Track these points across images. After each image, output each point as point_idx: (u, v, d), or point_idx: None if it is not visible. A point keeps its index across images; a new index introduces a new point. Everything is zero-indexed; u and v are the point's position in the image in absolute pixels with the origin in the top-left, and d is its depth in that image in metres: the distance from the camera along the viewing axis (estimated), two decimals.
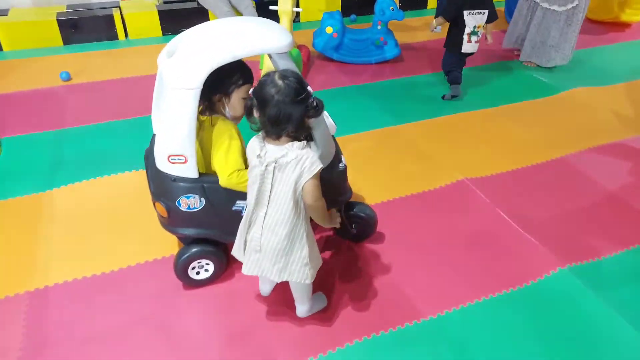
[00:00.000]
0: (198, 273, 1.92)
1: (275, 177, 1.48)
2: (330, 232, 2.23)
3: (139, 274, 2.01)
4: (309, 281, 1.62)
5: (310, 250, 1.58)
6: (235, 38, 1.54)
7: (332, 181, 1.86)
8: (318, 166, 1.47)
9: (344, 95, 3.62)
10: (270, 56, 1.61)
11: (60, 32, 4.27)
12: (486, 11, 3.31)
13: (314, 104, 1.46)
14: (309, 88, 1.45)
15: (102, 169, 2.61)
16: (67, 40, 4.31)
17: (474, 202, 2.52)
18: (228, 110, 1.79)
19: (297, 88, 1.42)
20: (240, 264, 1.66)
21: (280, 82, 1.42)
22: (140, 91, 3.20)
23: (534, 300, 1.97)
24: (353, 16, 5.19)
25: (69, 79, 3.63)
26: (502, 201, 2.51)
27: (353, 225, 2.11)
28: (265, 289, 1.87)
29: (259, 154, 1.48)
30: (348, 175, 2.00)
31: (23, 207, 2.37)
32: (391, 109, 3.42)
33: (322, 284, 1.97)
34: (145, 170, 1.91)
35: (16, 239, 2.17)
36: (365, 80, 3.87)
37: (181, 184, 1.68)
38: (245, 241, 1.61)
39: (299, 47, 4.02)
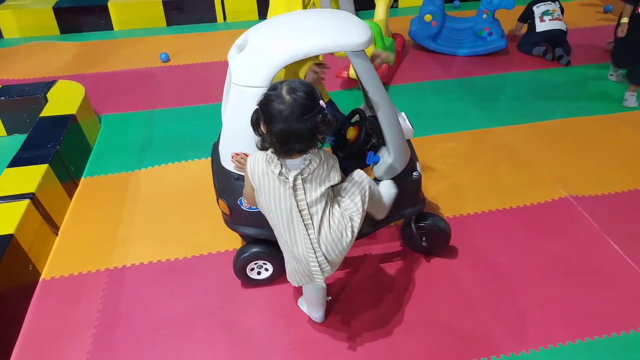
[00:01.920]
0: (259, 273, 1.87)
1: (307, 189, 1.37)
2: (399, 243, 2.07)
3: (209, 264, 2.02)
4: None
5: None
6: (307, 34, 1.41)
7: (403, 191, 1.70)
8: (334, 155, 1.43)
9: (438, 90, 3.37)
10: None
11: (165, 13, 4.46)
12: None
13: (326, 120, 1.30)
14: (321, 102, 1.29)
15: (187, 153, 2.66)
16: (170, 21, 4.50)
17: (578, 225, 2.19)
18: None
19: (306, 105, 1.26)
20: None
21: (287, 97, 1.26)
22: None
23: None
24: (456, 2, 4.82)
25: (167, 60, 3.78)
26: (613, 227, 2.15)
27: (423, 239, 1.93)
28: (318, 314, 1.76)
29: (281, 171, 1.35)
30: (435, 179, 1.82)
31: (112, 185, 2.50)
32: (490, 108, 3.11)
33: (389, 298, 1.83)
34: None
35: (102, 216, 2.29)
36: (463, 74, 3.56)
37: (243, 183, 1.62)
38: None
39: (394, 35, 3.81)
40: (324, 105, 1.29)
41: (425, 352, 1.66)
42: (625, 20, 2.98)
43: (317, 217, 1.39)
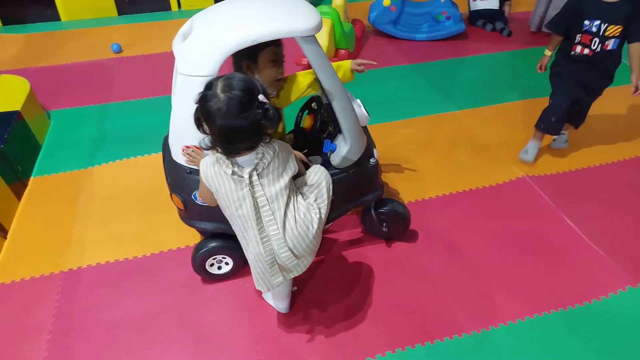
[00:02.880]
0: (219, 268, 1.84)
1: (263, 184, 1.33)
2: (360, 230, 2.07)
3: (168, 261, 1.96)
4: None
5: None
6: (254, 20, 1.36)
7: (360, 178, 1.69)
8: (288, 144, 1.41)
9: (397, 75, 3.38)
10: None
11: (116, 2, 4.28)
12: None
13: (268, 115, 1.24)
14: (260, 97, 1.23)
15: (143, 147, 2.57)
16: (121, 11, 4.32)
17: (534, 203, 2.25)
18: (259, 79, 1.61)
19: (243, 101, 1.21)
20: None
21: (222, 96, 1.21)
22: None
23: (595, 321, 1.73)
24: None
25: (119, 51, 3.63)
26: (567, 204, 2.23)
27: (384, 224, 1.94)
28: (283, 305, 1.74)
29: (234, 170, 1.30)
30: (396, 164, 1.82)
31: (64, 183, 2.39)
32: (449, 93, 3.15)
33: (353, 286, 1.84)
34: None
35: (55, 217, 2.19)
36: (422, 58, 3.59)
37: (197, 177, 1.57)
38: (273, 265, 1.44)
39: (353, 21, 3.79)
40: (265, 100, 1.23)
41: (389, 337, 1.68)
42: (548, 53, 2.35)
43: (279, 212, 1.36)
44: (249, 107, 1.21)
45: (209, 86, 1.24)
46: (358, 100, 1.73)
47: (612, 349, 1.65)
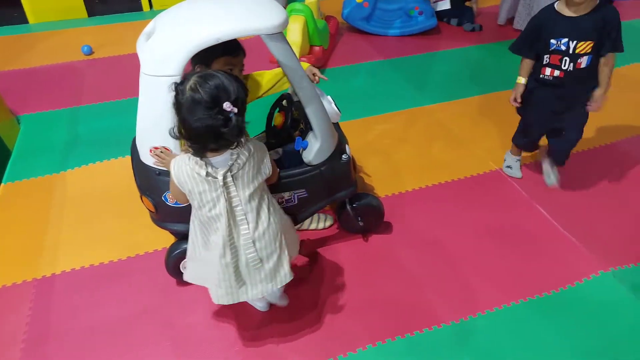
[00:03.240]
0: None
1: (237, 186, 1.32)
2: (335, 225, 2.08)
3: (146, 264, 1.94)
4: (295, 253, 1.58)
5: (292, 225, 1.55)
6: (218, 18, 1.35)
7: (333, 174, 1.70)
8: (263, 144, 1.39)
9: (372, 71, 3.40)
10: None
11: (85, 3, 4.19)
12: None
13: (229, 124, 1.19)
14: (225, 105, 1.17)
15: (116, 150, 2.53)
16: (91, 12, 4.24)
17: (509, 195, 2.30)
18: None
19: (202, 104, 1.17)
20: None
21: (187, 93, 1.19)
22: None
23: (570, 306, 1.78)
24: None
25: (90, 52, 3.56)
26: (540, 194, 2.28)
27: (359, 218, 1.95)
28: (263, 304, 1.73)
29: (208, 172, 1.27)
30: (373, 159, 1.82)
31: (36, 189, 2.33)
32: (423, 87, 3.18)
33: (332, 282, 1.84)
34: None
35: (27, 223, 2.14)
36: (395, 54, 3.61)
37: (166, 178, 1.55)
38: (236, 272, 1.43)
39: (327, 18, 3.79)
40: (230, 108, 1.18)
41: (369, 330, 1.69)
42: (521, 80, 2.08)
43: (252, 213, 1.35)
44: (209, 110, 1.17)
45: (183, 79, 1.23)
46: (329, 97, 1.74)
47: (585, 332, 1.70)
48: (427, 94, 3.09)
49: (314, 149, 1.63)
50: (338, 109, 1.73)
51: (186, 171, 1.31)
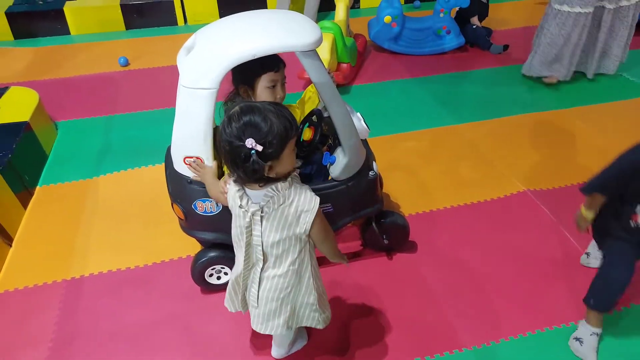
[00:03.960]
0: (219, 278, 1.84)
1: (265, 227, 1.25)
2: (359, 243, 2.08)
3: (171, 271, 1.98)
4: (321, 327, 1.46)
5: (319, 297, 1.41)
6: (255, 34, 1.39)
7: (360, 190, 1.71)
8: (317, 200, 1.25)
9: (399, 89, 3.41)
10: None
11: (123, 16, 4.36)
12: None
13: (248, 161, 1.14)
14: (248, 142, 1.12)
15: (147, 158, 2.61)
16: (129, 25, 4.40)
17: (537, 218, 2.25)
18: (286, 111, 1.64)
19: (230, 133, 1.14)
20: None
21: (225, 118, 1.17)
22: None
23: (603, 334, 1.70)
24: (417, 2, 4.90)
25: (127, 64, 3.69)
26: (568, 219, 2.21)
27: (384, 236, 1.94)
28: (277, 352, 1.63)
29: (240, 204, 1.24)
30: (398, 177, 1.82)
31: (69, 193, 2.42)
32: (451, 106, 3.17)
33: (352, 299, 1.84)
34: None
35: (59, 225, 2.21)
36: (424, 72, 3.62)
37: (197, 187, 1.59)
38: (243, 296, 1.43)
39: (355, 36, 3.84)
40: (252, 146, 1.12)
41: (388, 350, 1.67)
42: (589, 216, 1.64)
43: (272, 259, 1.31)
44: (234, 142, 1.15)
45: (231, 102, 1.24)
46: (358, 114, 1.75)
47: None
48: (455, 113, 3.08)
49: (342, 164, 1.64)
50: (367, 125, 1.74)
51: (231, 192, 1.29)
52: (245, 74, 1.56)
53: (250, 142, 1.12)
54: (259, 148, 1.13)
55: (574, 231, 2.14)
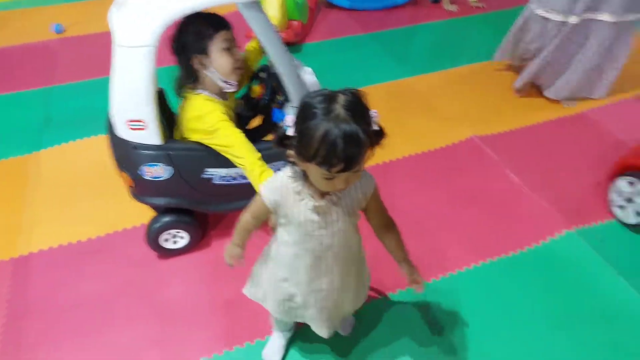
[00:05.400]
0: (175, 242, 1.83)
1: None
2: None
3: (124, 240, 1.95)
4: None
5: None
6: None
7: None
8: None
9: (353, 45, 3.39)
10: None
11: None
12: None
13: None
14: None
15: (92, 128, 2.49)
16: None
17: (483, 161, 2.34)
18: (217, 74, 1.56)
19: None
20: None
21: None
22: None
23: (536, 264, 1.86)
24: None
25: (62, 31, 3.47)
26: (512, 160, 2.33)
27: None
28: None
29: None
30: None
31: (9, 169, 2.30)
32: (404, 60, 3.20)
33: None
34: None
35: (2, 204, 2.12)
36: (376, 28, 3.60)
37: (143, 151, 1.55)
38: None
39: None
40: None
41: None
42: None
43: None
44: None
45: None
46: (309, 69, 1.73)
47: (549, 288, 1.77)
48: (407, 67, 3.10)
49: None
50: (318, 80, 1.72)
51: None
52: (195, 43, 1.49)
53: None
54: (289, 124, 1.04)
55: (516, 171, 2.26)
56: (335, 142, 0.93)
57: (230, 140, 1.54)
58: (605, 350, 1.59)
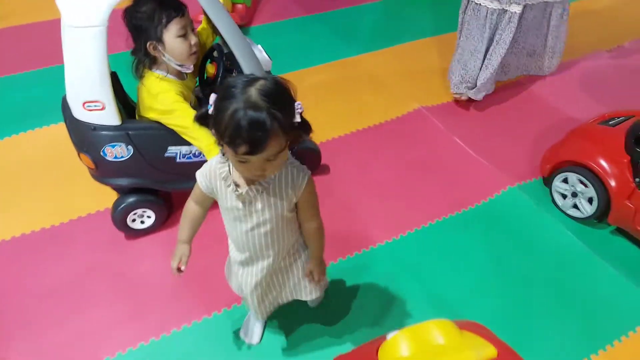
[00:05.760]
0: (142, 222, 1.86)
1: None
2: None
3: (91, 224, 1.95)
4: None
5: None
6: None
7: None
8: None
9: (298, 27, 3.45)
10: None
11: None
12: None
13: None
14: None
15: (39, 119, 2.43)
16: None
17: (430, 130, 2.51)
18: (172, 60, 1.59)
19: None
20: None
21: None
22: None
23: (484, 218, 2.05)
24: None
25: None
26: (456, 127, 2.51)
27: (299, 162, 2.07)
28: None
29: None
30: (307, 110, 1.91)
31: None
32: (350, 39, 3.29)
33: None
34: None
35: None
36: (321, 9, 3.67)
37: (103, 132, 1.57)
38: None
39: None
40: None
41: None
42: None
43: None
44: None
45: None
46: (259, 46, 1.78)
47: (497, 238, 1.97)
48: (354, 45, 3.20)
49: None
50: (269, 57, 1.79)
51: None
52: (148, 30, 1.51)
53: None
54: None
55: (462, 136, 2.44)
56: (240, 123, 0.94)
57: (186, 121, 1.57)
58: (547, 286, 1.81)
